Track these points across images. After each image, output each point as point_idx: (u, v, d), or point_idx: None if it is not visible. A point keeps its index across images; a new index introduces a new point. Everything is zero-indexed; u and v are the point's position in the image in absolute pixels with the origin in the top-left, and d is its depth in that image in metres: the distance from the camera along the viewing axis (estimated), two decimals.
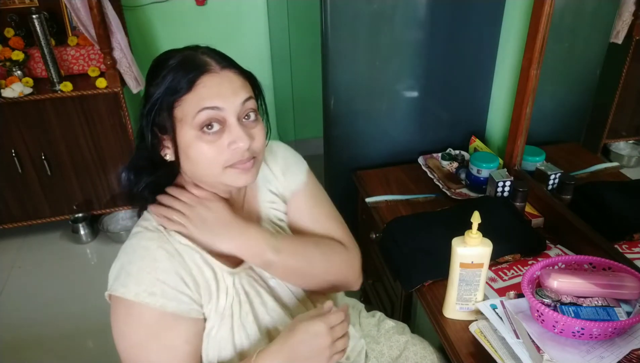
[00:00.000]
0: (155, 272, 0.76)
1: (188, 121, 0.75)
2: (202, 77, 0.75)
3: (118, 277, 0.78)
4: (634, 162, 1.33)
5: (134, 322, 0.77)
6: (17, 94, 2.09)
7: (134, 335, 0.77)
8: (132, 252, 0.79)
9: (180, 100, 0.75)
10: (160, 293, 0.76)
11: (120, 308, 0.78)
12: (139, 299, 0.75)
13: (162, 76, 0.76)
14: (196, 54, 0.79)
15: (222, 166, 0.78)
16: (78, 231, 2.45)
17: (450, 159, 1.65)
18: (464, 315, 1.01)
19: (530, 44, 1.31)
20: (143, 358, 0.77)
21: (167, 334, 0.77)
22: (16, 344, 1.92)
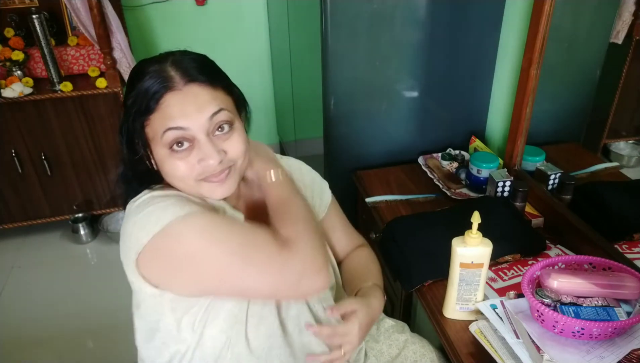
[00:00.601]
0: (173, 202, 0.76)
1: (157, 140, 0.76)
2: (165, 95, 0.74)
3: (142, 227, 0.74)
4: (634, 162, 1.33)
5: (190, 233, 0.73)
6: (17, 94, 2.09)
7: (200, 241, 0.73)
8: (139, 207, 0.78)
9: (149, 119, 0.76)
10: (190, 206, 0.76)
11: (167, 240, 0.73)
12: (177, 214, 0.73)
13: (132, 95, 0.76)
14: (163, 68, 0.76)
15: (194, 179, 0.79)
16: (78, 231, 2.45)
17: (450, 159, 1.65)
18: (464, 315, 1.01)
19: (530, 44, 1.31)
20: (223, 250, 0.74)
21: (221, 223, 0.77)
22: (16, 344, 1.92)
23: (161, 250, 0.74)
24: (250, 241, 0.75)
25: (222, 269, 0.74)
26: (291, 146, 2.60)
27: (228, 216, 0.82)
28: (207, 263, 0.74)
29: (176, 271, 0.75)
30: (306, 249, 0.76)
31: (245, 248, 0.74)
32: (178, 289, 0.78)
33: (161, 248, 0.74)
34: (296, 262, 0.74)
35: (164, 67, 0.76)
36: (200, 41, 2.65)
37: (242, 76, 0.81)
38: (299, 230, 0.78)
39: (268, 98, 2.92)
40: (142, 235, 0.74)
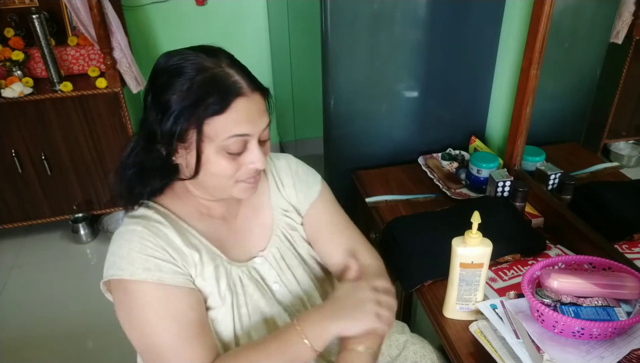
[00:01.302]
0: (145, 249, 0.78)
1: (215, 141, 0.77)
2: (236, 100, 0.76)
3: (111, 264, 0.79)
4: (634, 162, 1.33)
5: (135, 301, 0.77)
6: (17, 94, 2.09)
7: (139, 315, 0.77)
8: (120, 238, 0.81)
9: (211, 119, 0.75)
10: (154, 267, 0.77)
11: (119, 293, 0.79)
12: (135, 277, 0.76)
13: (188, 88, 0.75)
14: (226, 69, 0.77)
15: (235, 180, 0.82)
16: (78, 231, 2.45)
17: (450, 159, 1.65)
18: (464, 315, 1.01)
19: (530, 44, 1.31)
20: (153, 335, 0.77)
21: (171, 305, 0.78)
22: (16, 344, 1.92)
23: (114, 293, 0.81)
24: (176, 346, 0.77)
25: (140, 347, 0.80)
26: (291, 146, 2.60)
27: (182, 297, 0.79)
28: (134, 332, 0.79)
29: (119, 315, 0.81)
30: None
31: (167, 348, 0.77)
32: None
33: (114, 293, 0.81)
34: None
35: (226, 69, 0.77)
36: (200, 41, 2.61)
37: None
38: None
39: None
40: (109, 269, 0.80)
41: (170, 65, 0.77)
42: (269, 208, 0.97)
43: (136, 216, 0.83)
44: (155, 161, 0.81)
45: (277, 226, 0.97)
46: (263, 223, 0.96)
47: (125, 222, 0.83)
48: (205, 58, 0.78)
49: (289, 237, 0.97)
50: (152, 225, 0.81)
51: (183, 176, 0.83)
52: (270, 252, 0.94)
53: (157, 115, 0.77)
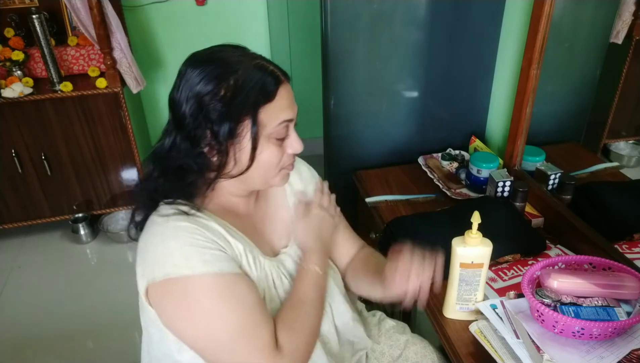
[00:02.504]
0: (197, 242, 0.76)
1: (267, 128, 0.78)
2: (280, 87, 0.79)
3: (159, 263, 0.75)
4: (634, 162, 1.33)
5: (199, 295, 0.75)
6: (17, 94, 2.09)
7: (203, 309, 0.75)
8: (163, 235, 0.77)
9: (264, 107, 0.77)
10: (212, 259, 0.76)
11: (176, 291, 0.75)
12: (196, 271, 0.74)
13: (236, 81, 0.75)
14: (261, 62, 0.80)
15: (280, 168, 0.85)
16: (78, 231, 2.45)
17: (450, 159, 1.65)
18: (464, 315, 1.01)
19: (530, 44, 1.31)
20: (220, 327, 0.75)
21: (236, 293, 0.77)
22: (16, 344, 1.92)
23: (168, 295, 0.76)
24: (249, 330, 0.76)
25: (208, 343, 0.77)
26: None
27: (242, 282, 0.79)
28: (199, 330, 0.76)
29: (173, 318, 0.78)
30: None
31: (239, 336, 0.76)
32: (171, 331, 0.79)
33: (168, 294, 0.76)
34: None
35: (260, 61, 0.80)
36: (200, 41, 2.62)
37: None
38: (299, 343, 0.80)
39: None
40: (157, 271, 0.75)
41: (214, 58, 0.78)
42: (287, 207, 0.99)
43: (171, 214, 0.79)
44: (203, 163, 0.80)
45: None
46: (284, 221, 0.98)
47: (160, 221, 0.78)
48: (236, 51, 0.80)
49: None
50: (194, 219, 0.79)
51: (229, 175, 0.82)
52: (293, 249, 0.96)
53: (202, 114, 0.76)
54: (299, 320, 0.82)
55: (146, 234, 0.80)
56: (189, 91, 0.77)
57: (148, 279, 0.76)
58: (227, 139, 0.77)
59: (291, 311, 0.83)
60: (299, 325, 0.81)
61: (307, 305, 0.84)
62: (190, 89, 0.77)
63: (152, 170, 0.83)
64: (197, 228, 0.77)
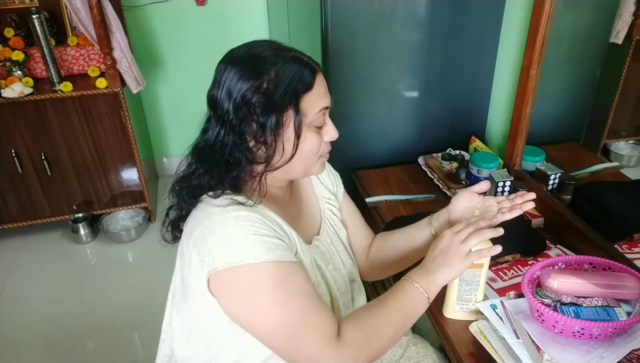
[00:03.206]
0: (260, 231, 0.77)
1: (308, 117, 0.80)
2: (317, 76, 0.81)
3: (221, 252, 0.75)
4: (634, 162, 1.33)
5: (263, 283, 0.75)
6: (17, 94, 2.09)
7: (266, 296, 0.75)
8: (224, 224, 0.76)
9: (305, 95, 0.79)
10: (274, 247, 0.77)
11: (241, 279, 0.75)
12: (260, 259, 0.74)
13: (277, 72, 0.77)
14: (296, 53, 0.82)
15: (319, 155, 0.86)
16: (78, 231, 2.45)
17: (450, 159, 1.65)
18: (464, 315, 1.01)
19: (530, 44, 1.31)
20: (283, 314, 0.76)
21: (295, 280, 0.77)
22: (16, 344, 1.92)
23: (231, 283, 0.77)
24: (309, 318, 0.76)
25: (270, 330, 0.77)
26: None
27: (301, 271, 0.80)
28: (261, 317, 0.77)
29: (236, 306, 0.78)
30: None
31: (300, 323, 0.76)
32: (233, 319, 0.80)
33: (231, 282, 0.77)
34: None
35: (294, 52, 0.82)
36: (200, 41, 2.64)
37: None
38: (363, 341, 0.78)
39: None
40: (220, 259, 0.75)
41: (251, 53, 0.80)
42: (315, 198, 1.02)
43: (227, 204, 0.79)
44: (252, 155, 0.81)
45: (325, 213, 1.02)
46: (313, 212, 1.00)
47: (218, 212, 0.78)
48: (273, 46, 0.82)
49: (332, 224, 1.03)
50: (253, 209, 0.80)
51: (274, 166, 0.83)
52: (324, 237, 0.98)
53: (245, 108, 0.78)
54: (372, 320, 0.80)
55: (202, 225, 0.79)
56: (231, 87, 0.79)
57: (209, 268, 0.76)
58: (273, 130, 0.78)
59: (369, 309, 0.82)
60: (370, 325, 0.79)
61: (389, 311, 0.81)
62: (232, 85, 0.78)
63: (194, 167, 0.83)
64: (258, 217, 0.78)
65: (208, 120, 0.84)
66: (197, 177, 0.82)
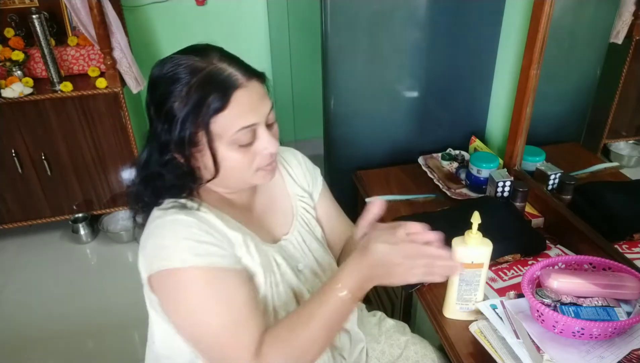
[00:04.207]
0: (193, 236, 0.77)
1: (225, 137, 0.77)
2: (235, 93, 0.76)
3: (156, 256, 0.77)
4: (634, 162, 1.33)
5: (188, 288, 0.76)
6: (17, 94, 2.09)
7: (190, 301, 0.76)
8: (161, 228, 0.79)
9: (216, 117, 0.75)
10: (204, 252, 0.77)
11: (169, 282, 0.77)
12: (186, 264, 0.75)
13: (187, 93, 0.75)
14: (217, 67, 0.77)
15: (254, 170, 0.83)
16: (78, 231, 2.45)
17: (450, 159, 1.65)
18: (464, 315, 1.01)
19: (530, 44, 1.31)
20: (207, 321, 0.76)
21: (223, 288, 0.77)
22: (16, 344, 1.92)
23: (162, 286, 0.78)
24: (233, 327, 0.76)
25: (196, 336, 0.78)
26: (291, 146, 2.60)
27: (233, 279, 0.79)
28: (188, 322, 0.78)
29: (168, 309, 0.80)
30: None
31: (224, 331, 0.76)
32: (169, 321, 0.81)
33: (162, 285, 0.78)
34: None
35: (218, 65, 0.77)
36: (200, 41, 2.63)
37: None
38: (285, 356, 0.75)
39: None
40: (154, 262, 0.77)
41: (165, 73, 0.77)
42: (287, 196, 1.00)
43: (170, 207, 0.81)
44: (175, 170, 0.81)
45: (297, 211, 1.00)
46: (284, 210, 0.99)
47: (160, 215, 0.80)
48: (196, 59, 0.77)
49: (307, 221, 1.01)
50: (192, 213, 0.80)
51: (204, 179, 0.83)
52: (294, 236, 0.97)
53: (164, 125, 0.77)
54: (296, 333, 0.76)
55: (147, 227, 0.82)
56: (150, 99, 0.80)
57: (147, 270, 0.79)
58: (187, 146, 0.77)
59: (291, 322, 0.78)
60: (293, 339, 0.76)
61: (315, 322, 0.76)
62: (151, 98, 0.80)
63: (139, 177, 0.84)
64: (194, 221, 0.79)
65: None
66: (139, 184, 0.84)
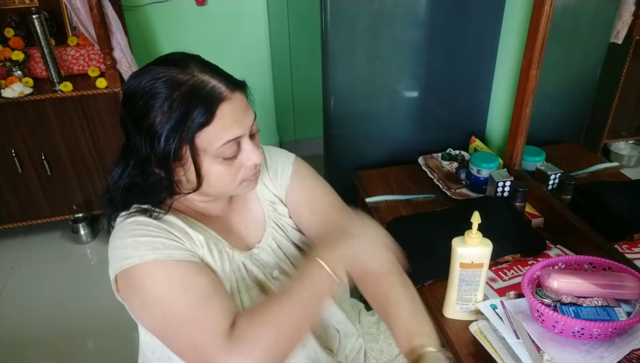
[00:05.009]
0: (150, 234, 0.78)
1: (210, 151, 0.76)
2: (220, 106, 0.74)
3: (117, 257, 0.79)
4: (634, 162, 1.33)
5: (147, 283, 0.76)
6: (17, 94, 2.09)
7: (152, 294, 0.75)
8: (121, 232, 0.80)
9: (201, 132, 0.74)
10: (162, 246, 0.77)
11: (130, 281, 0.77)
12: (144, 259, 0.75)
13: (169, 107, 0.73)
14: (199, 80, 0.74)
15: (238, 182, 0.82)
16: (78, 231, 2.45)
17: (450, 159, 1.65)
18: (464, 315, 1.01)
19: (530, 44, 1.31)
20: (168, 309, 0.75)
21: (182, 277, 0.76)
22: (16, 344, 1.92)
23: (125, 286, 0.79)
24: (199, 316, 0.73)
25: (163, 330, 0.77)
26: (291, 146, 2.60)
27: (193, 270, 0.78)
28: (154, 317, 0.77)
29: (133, 308, 0.80)
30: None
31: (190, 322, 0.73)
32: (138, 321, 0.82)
33: (125, 285, 0.79)
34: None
35: (200, 76, 0.75)
36: (200, 41, 2.65)
37: (242, 76, 0.81)
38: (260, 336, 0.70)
39: (268, 98, 2.92)
40: (116, 264, 0.79)
41: (143, 87, 0.75)
42: (258, 202, 0.97)
43: (132, 212, 0.83)
44: (155, 183, 0.80)
45: (269, 217, 0.97)
46: (255, 218, 0.97)
47: (120, 220, 0.83)
48: (176, 70, 0.75)
49: (282, 226, 0.98)
50: (153, 215, 0.81)
51: (185, 190, 0.82)
52: (267, 243, 0.95)
53: (145, 140, 0.76)
54: (269, 312, 0.73)
55: (112, 232, 0.85)
56: (127, 113, 0.78)
57: (113, 273, 0.80)
58: (170, 161, 0.76)
59: (266, 302, 0.77)
60: (268, 318, 0.72)
61: (289, 298, 0.74)
62: (129, 112, 0.78)
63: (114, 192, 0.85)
64: (152, 221, 0.80)
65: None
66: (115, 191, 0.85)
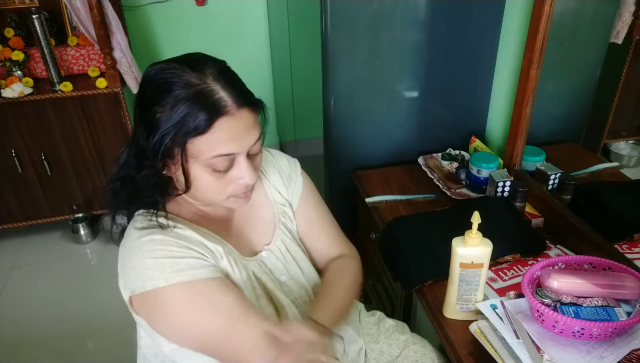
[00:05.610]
0: (172, 254, 0.77)
1: (200, 159, 0.76)
2: (220, 119, 0.73)
3: (136, 277, 0.77)
4: (634, 162, 1.33)
5: (177, 306, 0.76)
6: (17, 94, 2.09)
7: (182, 318, 0.77)
8: (139, 249, 0.78)
9: (194, 138, 0.74)
10: (186, 267, 0.77)
11: (154, 303, 0.77)
12: (169, 282, 0.75)
13: (172, 106, 0.73)
14: (211, 85, 0.74)
15: (226, 196, 0.81)
16: (78, 231, 2.45)
17: (450, 159, 1.65)
18: (464, 315, 1.01)
19: (530, 44, 1.31)
20: (205, 333, 0.76)
21: (211, 297, 0.77)
22: (16, 344, 1.92)
23: (148, 306, 0.78)
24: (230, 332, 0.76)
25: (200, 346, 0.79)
26: (291, 146, 2.60)
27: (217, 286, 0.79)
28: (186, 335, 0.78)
29: (159, 326, 0.80)
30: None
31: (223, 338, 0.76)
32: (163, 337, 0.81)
33: (148, 305, 0.78)
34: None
35: (211, 85, 0.74)
36: (200, 41, 2.64)
37: (242, 76, 0.81)
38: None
39: (268, 98, 2.92)
40: (136, 283, 0.77)
41: (157, 78, 0.75)
42: (268, 203, 0.97)
43: (146, 227, 0.80)
44: (148, 177, 0.80)
45: (279, 219, 0.97)
46: (265, 219, 0.97)
47: (136, 235, 0.80)
48: (190, 73, 0.74)
49: (290, 229, 0.99)
50: (169, 231, 0.80)
51: (177, 190, 0.82)
52: (276, 245, 0.95)
53: (144, 131, 0.76)
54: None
55: (124, 247, 0.81)
56: (139, 99, 0.79)
57: (129, 291, 0.78)
58: (163, 158, 0.76)
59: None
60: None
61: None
62: (141, 99, 0.78)
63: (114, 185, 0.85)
64: (172, 239, 0.79)
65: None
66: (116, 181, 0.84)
